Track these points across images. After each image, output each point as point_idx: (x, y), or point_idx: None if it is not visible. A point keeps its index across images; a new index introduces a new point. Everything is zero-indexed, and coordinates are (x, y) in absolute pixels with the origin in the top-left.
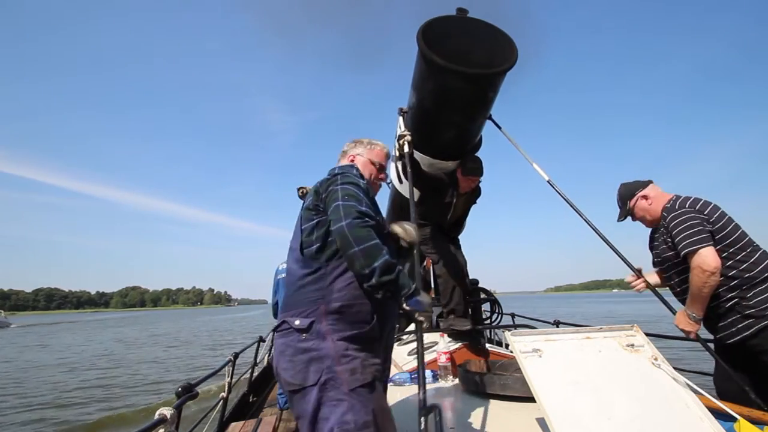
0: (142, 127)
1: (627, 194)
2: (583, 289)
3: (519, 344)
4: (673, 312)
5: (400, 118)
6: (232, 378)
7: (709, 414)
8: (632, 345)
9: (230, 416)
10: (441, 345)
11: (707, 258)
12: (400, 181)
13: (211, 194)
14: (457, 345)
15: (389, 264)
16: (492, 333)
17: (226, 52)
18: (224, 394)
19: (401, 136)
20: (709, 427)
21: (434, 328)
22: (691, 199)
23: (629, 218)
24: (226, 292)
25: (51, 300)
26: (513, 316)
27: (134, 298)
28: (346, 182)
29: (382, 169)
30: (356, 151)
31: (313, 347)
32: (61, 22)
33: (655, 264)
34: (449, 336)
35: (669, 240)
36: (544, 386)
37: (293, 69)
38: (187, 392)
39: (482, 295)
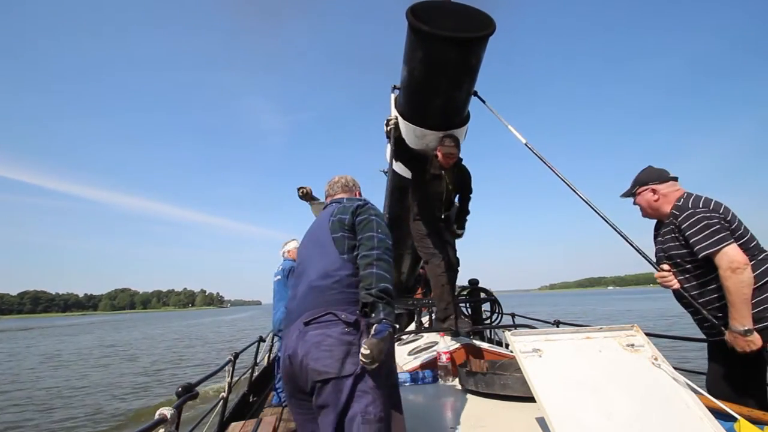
0: (132, 128)
1: (642, 180)
2: (577, 286)
3: (519, 344)
4: (656, 268)
5: (392, 95)
6: (232, 378)
7: (709, 414)
8: (632, 345)
9: (230, 416)
10: (441, 345)
11: (734, 255)
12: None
13: (205, 195)
14: (457, 345)
15: (392, 292)
16: (492, 333)
17: (219, 54)
18: (224, 394)
19: (388, 121)
20: (709, 427)
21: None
22: (703, 198)
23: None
24: (218, 293)
25: (37, 303)
26: (513, 316)
27: (123, 301)
28: (377, 214)
29: None
30: (357, 189)
31: (354, 342)
32: (61, 24)
33: (659, 259)
34: (449, 336)
35: (680, 238)
36: (544, 386)
37: (289, 68)
38: (187, 392)
39: (482, 295)
